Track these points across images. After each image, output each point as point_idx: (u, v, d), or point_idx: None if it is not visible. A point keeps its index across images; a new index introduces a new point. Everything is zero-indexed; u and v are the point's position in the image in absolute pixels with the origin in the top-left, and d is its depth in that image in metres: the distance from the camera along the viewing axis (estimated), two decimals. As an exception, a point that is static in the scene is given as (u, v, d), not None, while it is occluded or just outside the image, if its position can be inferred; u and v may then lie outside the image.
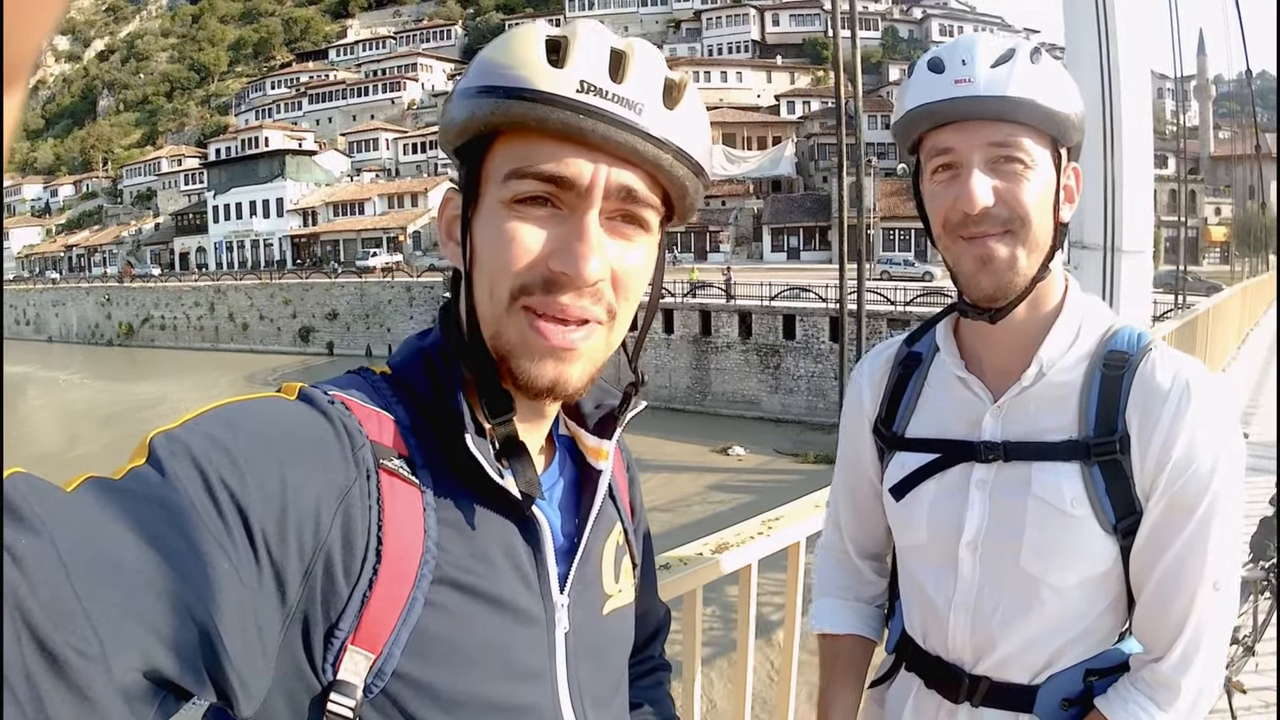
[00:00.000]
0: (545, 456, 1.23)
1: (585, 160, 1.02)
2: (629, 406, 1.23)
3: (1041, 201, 1.55)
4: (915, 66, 1.62)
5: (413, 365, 1.12)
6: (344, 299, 66.10)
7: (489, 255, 1.04)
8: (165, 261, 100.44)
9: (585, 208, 1.03)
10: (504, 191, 1.03)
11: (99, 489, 0.77)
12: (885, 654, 2.00)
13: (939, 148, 1.58)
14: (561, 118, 0.99)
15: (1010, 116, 1.51)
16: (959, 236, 1.58)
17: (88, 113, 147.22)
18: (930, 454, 1.75)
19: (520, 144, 1.02)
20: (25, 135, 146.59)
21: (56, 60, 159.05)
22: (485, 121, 1.02)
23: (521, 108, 0.99)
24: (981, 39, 1.57)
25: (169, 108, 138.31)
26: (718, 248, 75.58)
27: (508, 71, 1.00)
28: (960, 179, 1.55)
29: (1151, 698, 1.58)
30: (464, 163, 1.08)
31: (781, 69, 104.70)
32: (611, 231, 1.06)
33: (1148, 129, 5.28)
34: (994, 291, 1.58)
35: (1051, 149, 1.56)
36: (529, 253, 1.02)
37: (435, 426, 1.06)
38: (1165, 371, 1.55)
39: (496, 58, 1.03)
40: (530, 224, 1.03)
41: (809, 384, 37.07)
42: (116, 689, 0.69)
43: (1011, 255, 1.55)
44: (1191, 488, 1.50)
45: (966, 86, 1.52)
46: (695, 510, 24.20)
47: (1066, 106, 1.54)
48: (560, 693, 1.13)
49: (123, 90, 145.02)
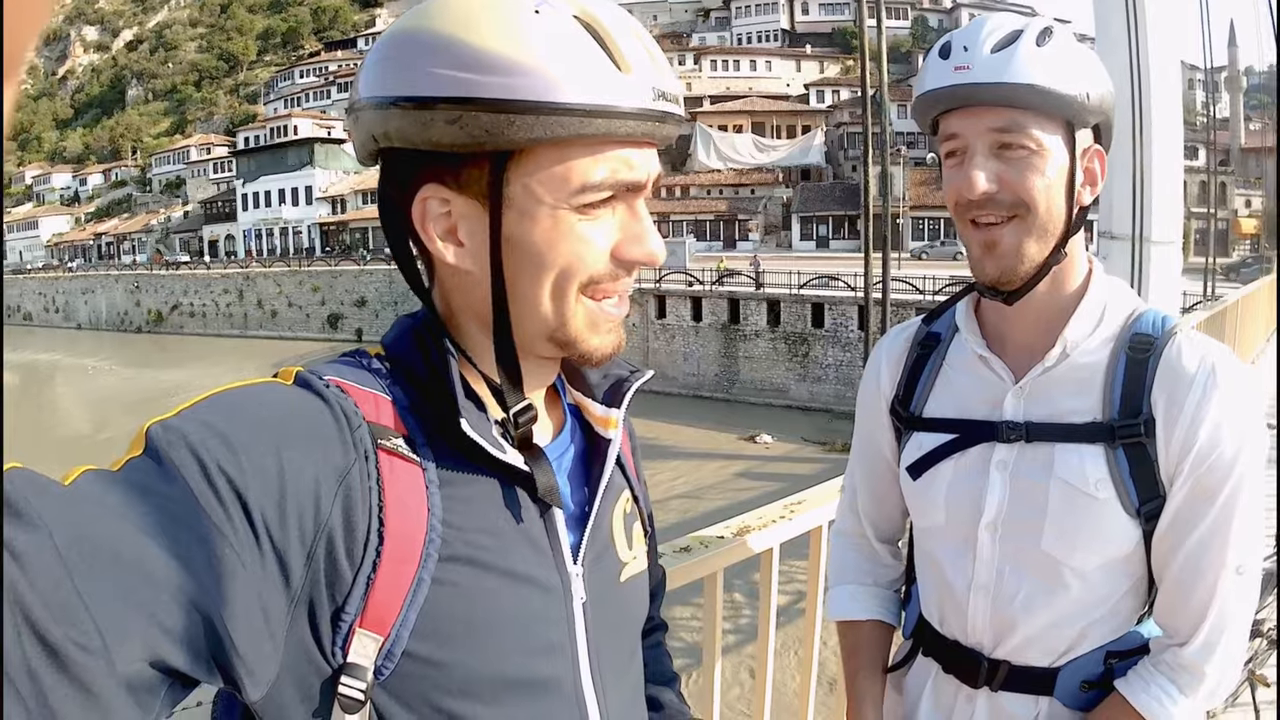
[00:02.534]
0: (554, 426, 1.24)
1: (649, 157, 1.04)
2: (635, 376, 1.26)
3: (1051, 186, 1.53)
4: (930, 50, 1.62)
5: (406, 344, 1.10)
6: (373, 286, 66.10)
7: (559, 259, 1.02)
8: (194, 249, 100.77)
9: (639, 197, 1.06)
10: (574, 200, 1.00)
11: (97, 481, 0.77)
12: (902, 639, 1.99)
13: (947, 133, 1.59)
14: (645, 129, 0.99)
15: (1010, 102, 1.50)
16: (967, 220, 1.59)
17: (116, 102, 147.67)
18: (948, 434, 1.74)
19: (580, 150, 0.98)
20: (55, 124, 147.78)
21: (85, 50, 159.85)
22: (536, 139, 0.95)
23: (605, 126, 0.95)
24: (992, 21, 1.56)
25: (198, 97, 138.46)
26: (747, 236, 75.31)
27: (573, 85, 0.93)
28: (963, 164, 1.56)
29: (1173, 681, 1.58)
30: (468, 166, 1.00)
31: (811, 58, 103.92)
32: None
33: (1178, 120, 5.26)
34: (999, 276, 1.58)
35: (1064, 132, 1.54)
36: (601, 251, 1.03)
37: (432, 404, 1.05)
38: (1191, 355, 1.54)
39: (517, 58, 0.92)
40: (597, 224, 1.03)
41: (837, 372, 36.84)
42: (119, 681, 0.70)
43: (1016, 242, 1.55)
44: (1216, 472, 1.50)
45: (965, 74, 1.52)
46: (721, 497, 24.18)
47: (1076, 88, 1.51)
48: (581, 664, 1.12)
49: (151, 80, 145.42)
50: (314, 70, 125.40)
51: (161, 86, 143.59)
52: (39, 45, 0.72)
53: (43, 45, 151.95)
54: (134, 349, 71.70)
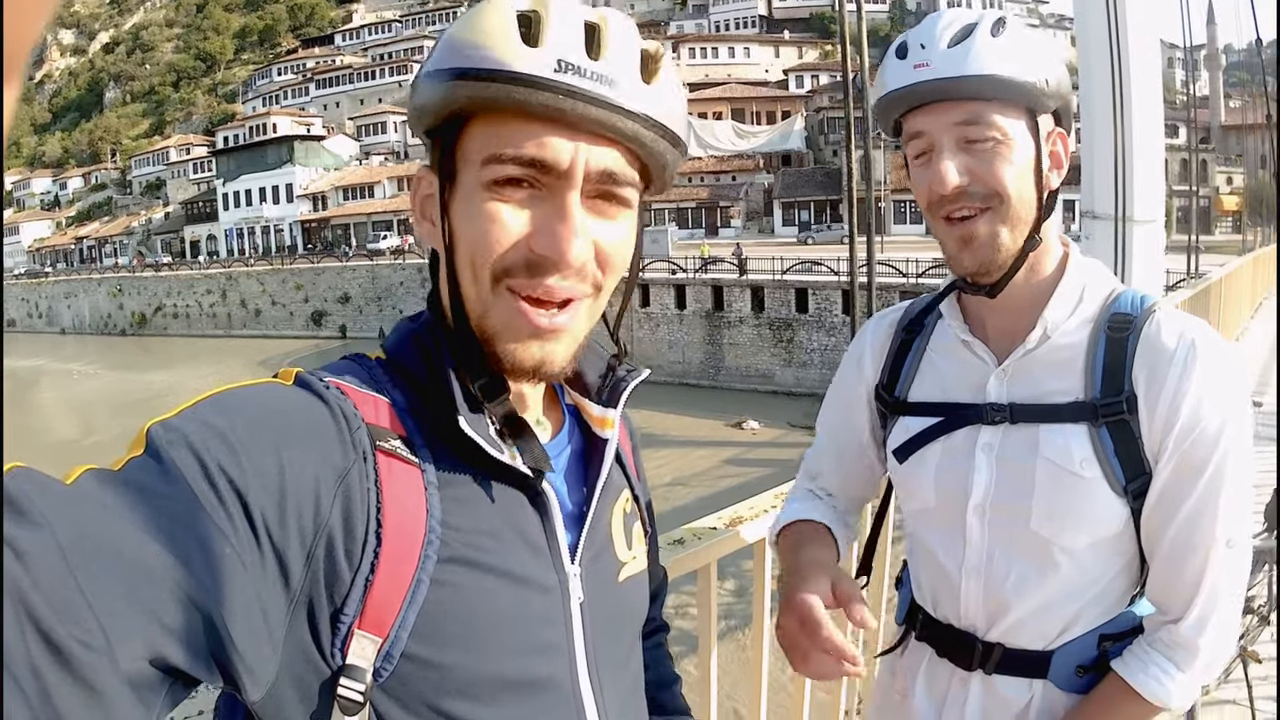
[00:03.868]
0: (553, 425, 1.24)
1: (565, 140, 0.99)
2: (631, 376, 1.25)
3: (1020, 174, 1.55)
4: (888, 52, 1.63)
5: (406, 347, 1.12)
6: (356, 282, 66.22)
7: (469, 238, 1.03)
8: (176, 250, 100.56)
9: (566, 189, 1.01)
10: (482, 175, 1.01)
11: (98, 480, 0.77)
12: (896, 624, 1.99)
13: (912, 132, 1.60)
14: (541, 100, 0.96)
15: (971, 95, 1.52)
16: (941, 218, 1.60)
17: (94, 105, 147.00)
18: (934, 417, 1.75)
19: (497, 125, 1.00)
20: (33, 129, 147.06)
21: (62, 54, 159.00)
22: (460, 106, 1.00)
23: (498, 91, 0.96)
24: (945, 17, 1.57)
25: (176, 97, 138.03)
26: (729, 223, 75.52)
27: (480, 52, 0.97)
28: (931, 161, 1.57)
29: (1170, 658, 1.58)
30: (436, 143, 1.06)
31: (789, 43, 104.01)
32: (592, 210, 1.05)
33: (1158, 98, 5.26)
34: (977, 269, 1.59)
35: (1027, 119, 1.56)
36: (510, 235, 1.01)
37: (432, 406, 1.05)
38: (1170, 332, 1.55)
39: (466, 36, 0.99)
40: (510, 205, 1.01)
41: (822, 357, 37.03)
42: (122, 679, 0.70)
43: (991, 232, 1.56)
44: (1200, 447, 1.51)
45: (924, 71, 1.53)
46: (709, 484, 24.22)
47: (1034, 74, 1.52)
48: (578, 663, 1.12)
49: (129, 82, 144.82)
50: (292, 67, 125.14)
51: (139, 88, 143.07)
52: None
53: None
54: (118, 352, 71.50)
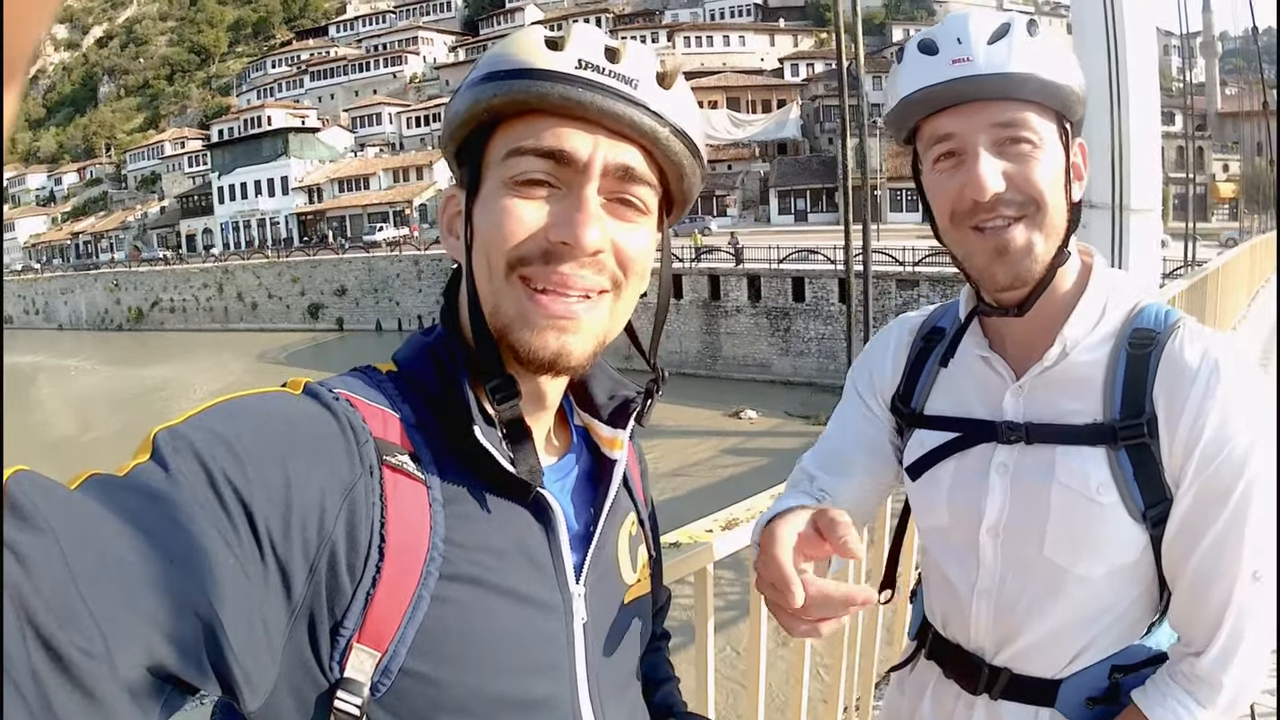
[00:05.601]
0: (561, 446, 1.24)
1: (584, 134, 1.04)
2: (648, 402, 1.24)
3: (1054, 181, 1.47)
4: (905, 50, 1.54)
5: (419, 361, 1.12)
6: (352, 274, 66.24)
7: (487, 231, 1.06)
8: (172, 244, 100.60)
9: (584, 183, 1.05)
10: (504, 171, 1.05)
11: (103, 486, 0.77)
12: (906, 640, 1.94)
13: (939, 134, 1.50)
14: (561, 91, 1.02)
15: (1014, 94, 1.43)
16: (970, 228, 1.50)
17: (89, 100, 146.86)
18: (949, 432, 1.68)
19: (521, 126, 1.05)
20: (27, 125, 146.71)
21: (56, 49, 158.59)
22: (488, 105, 1.05)
23: (522, 84, 1.02)
24: (973, 15, 1.48)
25: (170, 91, 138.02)
26: (724, 211, 75.53)
27: (509, 58, 1.04)
28: (966, 165, 1.47)
29: (1191, 693, 1.51)
30: (465, 162, 1.10)
31: (784, 32, 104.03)
32: (611, 213, 1.08)
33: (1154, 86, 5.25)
34: (1011, 281, 1.51)
35: (1058, 125, 1.48)
36: (527, 226, 1.04)
37: (442, 420, 1.05)
38: (1194, 349, 1.47)
39: (495, 53, 1.07)
40: (530, 201, 1.05)
41: (819, 346, 37.06)
42: (122, 686, 0.69)
43: (1028, 242, 1.47)
44: (1225, 472, 1.42)
45: (965, 66, 1.43)
46: (708, 475, 24.24)
47: (1069, 79, 1.46)
48: (579, 684, 1.11)
49: (123, 76, 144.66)
50: (286, 60, 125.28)
51: (133, 82, 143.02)
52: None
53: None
54: (116, 347, 71.39)
